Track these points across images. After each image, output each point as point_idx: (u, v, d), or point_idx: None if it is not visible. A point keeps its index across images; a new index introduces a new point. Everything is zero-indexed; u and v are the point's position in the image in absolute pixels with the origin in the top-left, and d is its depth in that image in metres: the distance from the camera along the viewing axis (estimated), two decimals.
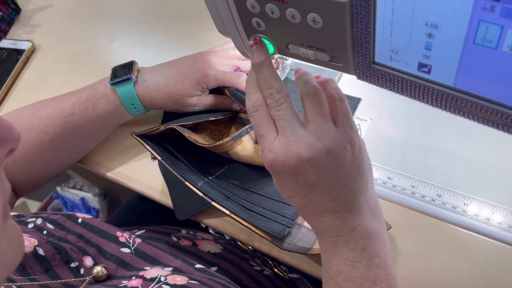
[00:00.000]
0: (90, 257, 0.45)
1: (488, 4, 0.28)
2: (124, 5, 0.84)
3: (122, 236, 0.48)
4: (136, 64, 0.58)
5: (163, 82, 0.56)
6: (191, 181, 0.52)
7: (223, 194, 0.52)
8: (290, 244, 0.49)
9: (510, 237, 0.46)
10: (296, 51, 0.43)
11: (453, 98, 0.35)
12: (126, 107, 0.57)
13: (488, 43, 0.30)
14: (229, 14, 0.43)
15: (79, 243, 0.46)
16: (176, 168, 0.53)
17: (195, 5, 0.78)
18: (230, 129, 0.59)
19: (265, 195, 0.52)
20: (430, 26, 0.31)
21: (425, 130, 0.55)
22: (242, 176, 0.55)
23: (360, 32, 0.35)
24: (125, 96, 0.56)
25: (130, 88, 0.56)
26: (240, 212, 0.50)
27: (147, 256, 0.46)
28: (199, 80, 0.56)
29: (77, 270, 0.44)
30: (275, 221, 0.50)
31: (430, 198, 0.50)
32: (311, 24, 0.37)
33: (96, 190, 1.38)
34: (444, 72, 0.34)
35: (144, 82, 0.57)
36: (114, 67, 0.58)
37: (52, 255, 0.44)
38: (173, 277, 0.41)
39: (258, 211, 0.51)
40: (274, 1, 0.37)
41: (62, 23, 0.85)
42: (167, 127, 0.53)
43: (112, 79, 0.57)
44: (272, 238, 0.49)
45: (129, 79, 0.56)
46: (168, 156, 0.55)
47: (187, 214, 0.55)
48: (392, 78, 0.37)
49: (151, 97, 0.57)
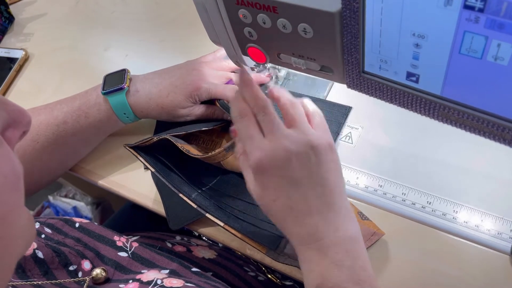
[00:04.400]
0: (88, 261, 0.45)
1: (472, 15, 0.28)
2: (118, 14, 0.85)
3: (120, 241, 0.48)
4: (128, 73, 0.58)
5: (155, 93, 0.56)
6: (185, 192, 0.52)
7: (217, 205, 0.53)
8: (284, 256, 0.49)
9: (499, 244, 0.47)
10: (288, 60, 0.43)
11: (440, 107, 0.35)
12: (118, 116, 0.57)
13: (474, 53, 0.30)
14: (221, 24, 0.44)
15: (77, 247, 0.46)
16: (169, 180, 0.53)
17: (188, 14, 0.79)
18: (223, 139, 0.59)
19: (258, 205, 0.53)
20: (417, 37, 0.32)
21: (415, 138, 0.56)
22: (235, 186, 0.55)
23: (349, 42, 0.36)
24: (118, 106, 0.56)
25: (122, 98, 0.56)
26: (234, 223, 0.50)
27: (144, 260, 0.46)
28: (191, 93, 0.56)
29: (75, 273, 0.44)
30: (268, 231, 0.50)
31: (420, 205, 0.51)
32: (302, 34, 0.38)
33: (88, 198, 1.37)
34: (431, 81, 0.35)
35: (137, 92, 0.57)
36: (106, 75, 0.58)
37: (51, 258, 0.44)
38: (169, 280, 0.41)
39: (252, 221, 0.51)
40: (265, 11, 0.38)
41: (56, 32, 0.85)
42: (160, 138, 0.53)
43: (104, 89, 0.56)
44: (266, 250, 0.49)
45: (122, 89, 0.56)
46: (162, 167, 0.55)
47: (180, 224, 0.55)
48: (381, 87, 0.38)
49: (143, 108, 0.57)
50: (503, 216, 0.48)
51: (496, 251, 0.47)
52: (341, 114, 0.57)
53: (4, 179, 0.25)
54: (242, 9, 0.40)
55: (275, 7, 0.37)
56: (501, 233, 0.47)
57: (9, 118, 0.28)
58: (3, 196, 0.25)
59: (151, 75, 0.59)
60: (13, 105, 0.28)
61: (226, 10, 0.41)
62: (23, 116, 0.29)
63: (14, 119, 0.28)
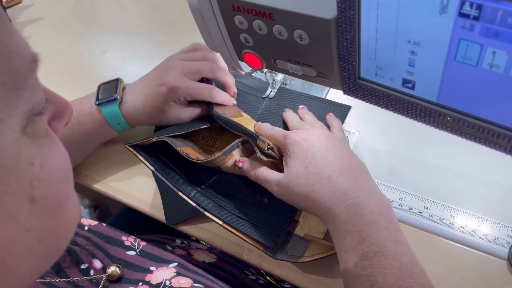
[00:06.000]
0: (99, 260, 0.45)
1: (468, 23, 0.28)
2: (115, 18, 0.84)
3: (128, 240, 0.48)
4: (121, 83, 0.58)
5: (139, 103, 0.56)
6: (184, 191, 0.52)
7: (216, 203, 0.53)
8: (282, 253, 0.49)
9: (496, 249, 0.47)
10: (284, 66, 0.43)
11: (436, 113, 0.35)
12: (111, 125, 0.57)
13: (469, 60, 0.30)
14: (217, 30, 0.44)
15: (87, 246, 0.46)
16: (169, 178, 0.53)
17: (186, 18, 0.79)
18: (223, 135, 0.59)
19: (256, 203, 0.53)
20: (413, 44, 0.32)
21: (412, 143, 0.56)
22: (234, 183, 0.55)
23: (345, 49, 0.36)
24: (110, 116, 0.56)
25: (115, 109, 0.56)
26: (232, 221, 0.50)
27: (152, 256, 0.46)
28: (169, 94, 0.55)
29: (87, 271, 0.44)
30: (266, 229, 0.50)
31: (417, 210, 0.51)
32: (297, 41, 0.38)
33: (86, 201, 1.36)
34: (427, 88, 0.35)
35: (126, 103, 0.57)
36: (100, 85, 0.58)
37: (62, 257, 0.44)
38: (177, 280, 0.41)
39: (250, 219, 0.51)
40: (261, 18, 0.38)
41: (53, 36, 0.85)
42: (159, 139, 0.53)
43: (97, 99, 0.56)
44: (263, 248, 0.49)
45: (115, 100, 0.56)
46: (161, 165, 0.55)
47: (176, 219, 0.55)
48: (377, 94, 0.38)
49: (133, 117, 0.57)
50: (500, 221, 0.48)
51: (493, 256, 0.47)
52: (340, 113, 0.57)
53: (60, 169, 0.26)
54: (238, 16, 0.40)
55: (271, 14, 0.37)
56: (498, 238, 0.47)
57: (55, 110, 0.29)
58: (60, 185, 0.26)
59: (138, 82, 0.59)
60: (57, 97, 0.29)
61: (222, 16, 0.41)
62: (66, 107, 0.30)
63: (59, 110, 0.29)
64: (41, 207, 0.25)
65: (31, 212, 0.24)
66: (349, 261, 0.40)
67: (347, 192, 0.41)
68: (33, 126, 0.24)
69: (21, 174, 0.23)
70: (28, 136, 0.24)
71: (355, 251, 0.39)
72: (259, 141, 0.48)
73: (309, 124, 0.52)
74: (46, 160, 0.25)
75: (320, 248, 0.48)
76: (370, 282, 0.38)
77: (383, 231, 0.39)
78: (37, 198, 0.24)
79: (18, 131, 0.23)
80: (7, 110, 0.22)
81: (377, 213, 0.40)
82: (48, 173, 0.25)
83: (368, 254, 0.38)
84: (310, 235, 0.50)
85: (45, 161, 0.25)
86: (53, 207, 0.26)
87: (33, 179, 0.24)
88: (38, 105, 0.25)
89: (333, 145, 0.46)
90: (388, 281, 0.37)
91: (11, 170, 0.23)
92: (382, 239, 0.39)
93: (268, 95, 0.62)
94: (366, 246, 0.39)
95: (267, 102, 0.61)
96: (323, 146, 0.45)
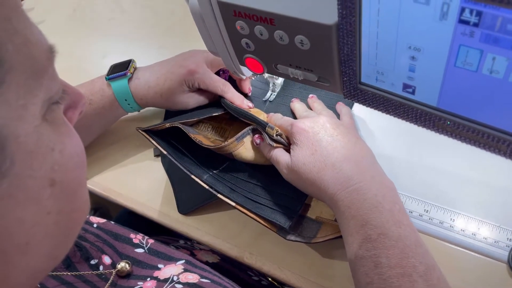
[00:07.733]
0: (108, 256, 0.46)
1: (467, 29, 0.29)
2: (116, 22, 0.85)
3: (136, 238, 0.48)
4: (133, 62, 0.60)
5: (154, 81, 0.58)
6: (197, 174, 0.53)
7: (228, 187, 0.53)
8: (294, 234, 0.49)
9: (496, 252, 0.47)
10: (285, 71, 0.44)
11: (436, 118, 0.36)
12: (120, 103, 0.59)
13: (469, 66, 0.31)
14: (218, 35, 0.44)
15: (97, 243, 0.47)
16: (181, 162, 0.54)
17: (186, 21, 0.79)
18: (232, 125, 0.60)
19: (268, 188, 0.53)
20: (413, 50, 0.33)
21: (412, 146, 0.56)
22: (245, 170, 0.56)
23: (346, 54, 0.36)
24: (119, 91, 0.58)
25: (124, 84, 0.58)
26: (245, 203, 0.51)
27: (160, 253, 0.47)
28: (186, 77, 0.57)
29: (96, 267, 0.45)
30: (279, 211, 0.50)
31: (417, 213, 0.51)
32: (298, 46, 0.38)
33: None
34: (427, 93, 0.35)
35: (137, 79, 0.59)
36: (113, 64, 0.60)
37: (73, 252, 0.45)
38: (185, 275, 0.42)
39: (263, 202, 0.51)
40: (263, 23, 0.38)
41: (54, 39, 0.84)
42: (172, 125, 0.54)
43: (108, 75, 0.59)
44: (276, 229, 0.50)
45: (124, 75, 0.58)
46: (173, 150, 0.56)
47: (188, 208, 0.56)
48: (378, 98, 0.38)
49: (143, 95, 0.59)
50: (500, 224, 0.48)
51: (493, 259, 0.47)
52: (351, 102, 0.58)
53: (77, 156, 0.27)
54: (240, 21, 0.40)
55: (272, 19, 0.37)
56: (498, 241, 0.48)
57: (70, 100, 0.30)
58: (76, 171, 0.27)
59: (154, 64, 0.61)
60: (72, 88, 0.30)
61: (223, 21, 0.42)
62: (81, 97, 0.31)
63: (74, 100, 0.30)
64: (60, 191, 0.26)
65: (51, 195, 0.25)
66: (354, 244, 0.41)
67: (350, 178, 0.43)
68: (51, 115, 0.25)
69: (43, 158, 0.24)
70: (48, 123, 0.25)
71: (359, 234, 0.41)
72: (268, 128, 0.50)
73: (317, 113, 0.54)
74: (65, 146, 0.26)
75: (332, 229, 0.49)
76: (374, 263, 0.39)
77: (386, 214, 0.40)
78: (57, 182, 0.25)
79: (39, 118, 0.24)
80: (29, 98, 0.23)
81: (380, 196, 0.41)
82: (67, 159, 0.26)
83: (372, 236, 0.40)
84: (322, 217, 0.51)
85: (64, 147, 0.26)
86: (70, 192, 0.27)
87: (54, 163, 0.25)
88: (56, 94, 0.26)
89: (339, 132, 0.47)
90: (391, 261, 0.38)
91: (34, 155, 0.24)
92: (385, 221, 0.40)
93: (268, 98, 0.62)
94: (369, 229, 0.40)
95: (269, 103, 0.62)
96: (328, 133, 0.47)
